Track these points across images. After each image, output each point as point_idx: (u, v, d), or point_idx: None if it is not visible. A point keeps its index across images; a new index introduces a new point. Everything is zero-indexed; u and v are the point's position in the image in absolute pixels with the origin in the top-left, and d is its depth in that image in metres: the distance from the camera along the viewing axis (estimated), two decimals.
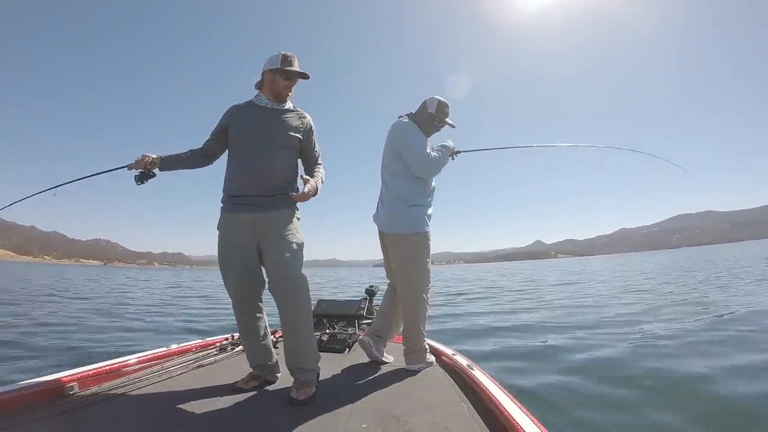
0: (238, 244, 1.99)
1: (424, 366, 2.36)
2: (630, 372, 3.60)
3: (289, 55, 2.05)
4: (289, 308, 1.94)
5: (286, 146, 2.07)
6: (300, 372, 1.91)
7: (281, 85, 2.07)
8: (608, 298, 9.83)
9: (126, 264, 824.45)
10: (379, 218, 2.56)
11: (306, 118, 2.17)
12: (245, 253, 1.98)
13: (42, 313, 8.49)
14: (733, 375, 3.31)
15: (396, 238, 2.43)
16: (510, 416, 1.39)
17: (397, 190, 2.44)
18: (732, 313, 6.21)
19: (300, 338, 1.96)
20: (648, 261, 44.12)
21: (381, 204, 2.56)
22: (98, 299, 12.44)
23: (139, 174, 2.02)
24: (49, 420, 1.53)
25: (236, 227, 2.00)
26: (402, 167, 2.43)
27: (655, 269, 23.03)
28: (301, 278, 1.95)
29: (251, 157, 2.02)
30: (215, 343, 2.82)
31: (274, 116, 2.10)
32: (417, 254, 2.40)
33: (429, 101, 2.51)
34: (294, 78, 2.09)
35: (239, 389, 1.95)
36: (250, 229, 1.98)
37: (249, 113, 2.10)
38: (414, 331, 2.38)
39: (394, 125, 2.52)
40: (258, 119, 2.07)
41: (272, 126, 2.07)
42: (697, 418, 2.58)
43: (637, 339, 4.88)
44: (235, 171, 2.05)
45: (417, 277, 2.40)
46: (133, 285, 22.74)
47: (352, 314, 3.60)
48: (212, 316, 8.77)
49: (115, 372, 2.10)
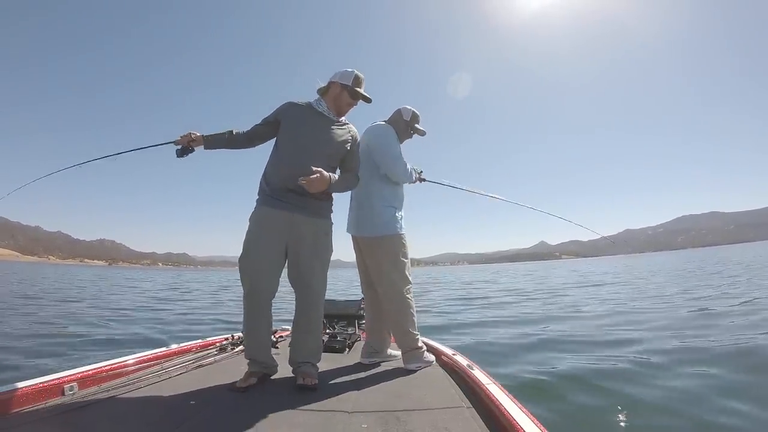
0: (268, 239, 2.05)
1: (422, 365, 2.35)
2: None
3: (361, 78, 2.17)
4: (308, 311, 2.12)
5: (329, 156, 2.15)
6: (305, 365, 2.06)
7: (345, 102, 2.19)
8: (667, 299, 9.01)
9: (130, 264, 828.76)
10: (354, 224, 2.54)
11: (353, 132, 2.28)
12: (272, 249, 2.05)
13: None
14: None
15: (373, 240, 2.42)
16: (510, 416, 1.39)
17: (371, 189, 2.45)
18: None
19: (312, 338, 2.14)
20: (665, 261, 42.36)
21: (355, 209, 2.55)
22: (58, 304, 10.94)
23: (180, 149, 2.15)
24: (49, 420, 1.53)
25: (271, 222, 2.06)
26: (375, 169, 2.46)
27: (679, 269, 22.49)
28: (323, 287, 2.17)
29: (296, 159, 2.07)
30: (215, 343, 2.83)
31: (328, 126, 2.18)
32: (395, 255, 2.41)
33: (404, 110, 2.60)
34: (358, 98, 2.21)
35: (238, 389, 1.96)
36: (284, 228, 2.05)
37: (305, 114, 2.18)
38: (403, 333, 2.37)
39: (374, 127, 2.55)
40: (312, 124, 2.15)
41: (324, 135, 2.15)
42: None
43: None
44: (278, 167, 2.11)
45: (397, 278, 2.39)
46: (122, 286, 21.87)
47: (352, 314, 3.60)
48: (187, 322, 7.90)
49: (114, 372, 2.10)
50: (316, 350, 2.15)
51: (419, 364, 2.34)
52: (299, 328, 2.13)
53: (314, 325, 2.15)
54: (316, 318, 2.16)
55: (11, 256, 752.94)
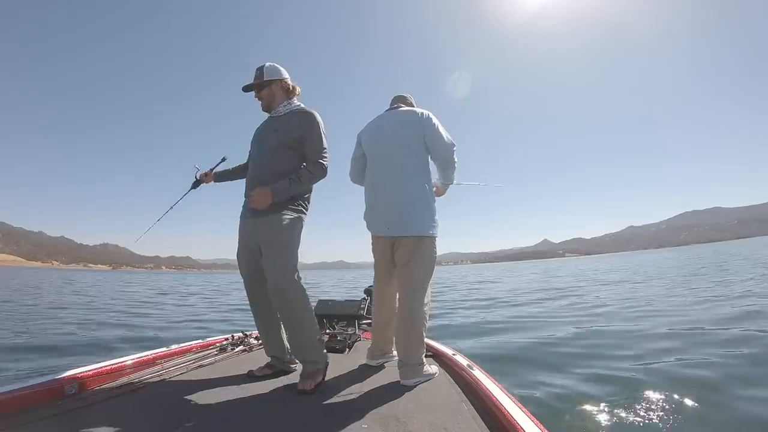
0: (243, 248, 2.19)
1: (421, 380, 2.06)
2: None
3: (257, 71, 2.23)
4: (281, 310, 2.07)
5: (274, 148, 2.14)
6: (306, 363, 2.03)
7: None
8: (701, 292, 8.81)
9: (134, 268, 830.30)
10: (387, 220, 2.25)
11: (305, 115, 2.17)
12: (248, 256, 2.17)
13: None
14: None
15: (413, 240, 2.19)
16: (510, 416, 1.38)
17: (418, 183, 2.22)
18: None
19: (296, 334, 2.07)
20: (675, 258, 41.30)
21: (389, 203, 2.25)
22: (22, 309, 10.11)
23: (194, 182, 2.55)
24: (49, 420, 1.54)
25: (241, 232, 2.20)
26: (421, 158, 2.25)
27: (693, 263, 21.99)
28: (285, 285, 1.98)
29: (251, 164, 2.26)
30: (215, 343, 2.84)
31: (269, 123, 2.26)
32: (432, 259, 2.22)
33: (412, 99, 2.51)
34: (251, 90, 2.26)
35: (254, 376, 2.15)
36: (249, 235, 2.14)
37: (261, 127, 2.31)
38: (416, 341, 2.11)
39: (413, 111, 2.31)
40: (261, 129, 2.29)
41: (265, 131, 2.24)
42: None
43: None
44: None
45: (427, 284, 2.22)
46: (111, 289, 21.18)
47: (352, 314, 3.60)
48: (153, 327, 7.26)
49: (115, 372, 2.11)
50: (301, 346, 2.04)
51: (418, 379, 2.06)
52: (283, 325, 2.17)
53: (287, 318, 2.06)
54: (288, 310, 2.02)
55: (15, 262, 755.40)
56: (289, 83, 2.26)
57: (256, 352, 2.79)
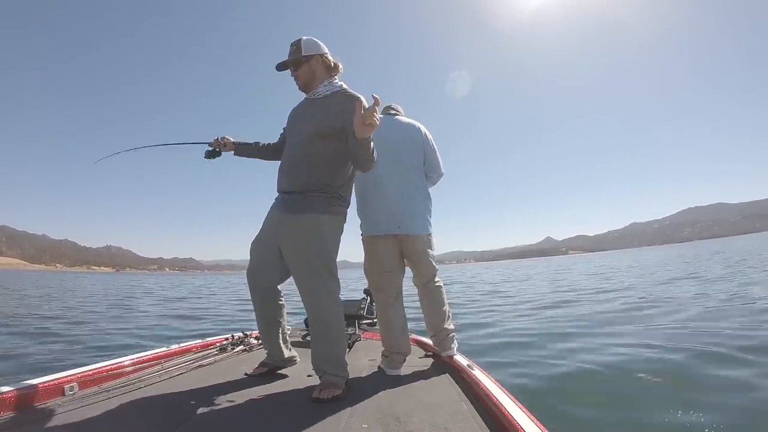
0: (263, 239, 2.05)
1: (454, 352, 2.37)
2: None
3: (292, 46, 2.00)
4: (310, 314, 1.95)
5: (311, 134, 1.91)
6: (325, 375, 1.87)
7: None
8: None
9: (137, 270, 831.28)
10: (397, 220, 2.34)
11: (348, 100, 1.89)
12: (266, 249, 2.02)
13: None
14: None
15: (422, 238, 2.41)
16: (510, 416, 1.38)
17: (423, 185, 2.49)
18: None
19: (324, 351, 1.92)
20: (685, 254, 39.23)
21: (401, 203, 2.36)
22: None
23: (210, 150, 2.22)
24: (49, 420, 1.54)
25: (267, 222, 2.06)
26: (421, 165, 2.49)
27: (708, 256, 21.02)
28: (319, 315, 1.91)
29: (286, 152, 2.04)
30: (215, 343, 2.84)
31: (306, 106, 2.05)
32: (433, 253, 2.49)
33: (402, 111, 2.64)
34: (287, 68, 2.03)
35: (250, 376, 2.11)
36: (274, 228, 1.99)
37: (297, 108, 2.11)
38: (446, 315, 2.44)
39: (420, 126, 2.51)
40: (298, 112, 2.08)
41: (303, 116, 2.02)
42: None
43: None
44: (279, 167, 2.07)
45: (433, 263, 2.49)
46: (102, 291, 20.80)
47: (352, 314, 3.58)
48: (121, 334, 6.78)
49: (115, 372, 2.11)
50: (327, 362, 1.88)
51: (451, 350, 2.39)
52: (311, 333, 1.99)
53: (318, 336, 1.93)
54: (321, 321, 1.92)
55: (19, 265, 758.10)
56: (331, 59, 1.99)
57: (257, 352, 2.79)
